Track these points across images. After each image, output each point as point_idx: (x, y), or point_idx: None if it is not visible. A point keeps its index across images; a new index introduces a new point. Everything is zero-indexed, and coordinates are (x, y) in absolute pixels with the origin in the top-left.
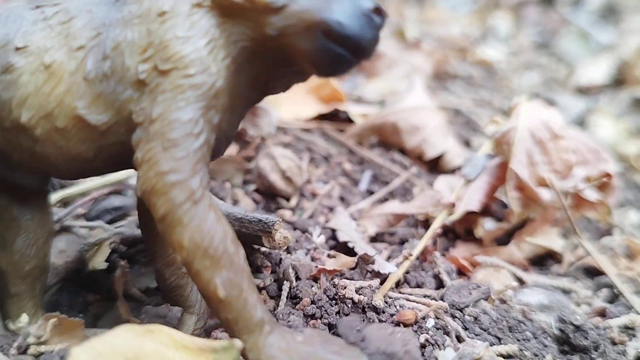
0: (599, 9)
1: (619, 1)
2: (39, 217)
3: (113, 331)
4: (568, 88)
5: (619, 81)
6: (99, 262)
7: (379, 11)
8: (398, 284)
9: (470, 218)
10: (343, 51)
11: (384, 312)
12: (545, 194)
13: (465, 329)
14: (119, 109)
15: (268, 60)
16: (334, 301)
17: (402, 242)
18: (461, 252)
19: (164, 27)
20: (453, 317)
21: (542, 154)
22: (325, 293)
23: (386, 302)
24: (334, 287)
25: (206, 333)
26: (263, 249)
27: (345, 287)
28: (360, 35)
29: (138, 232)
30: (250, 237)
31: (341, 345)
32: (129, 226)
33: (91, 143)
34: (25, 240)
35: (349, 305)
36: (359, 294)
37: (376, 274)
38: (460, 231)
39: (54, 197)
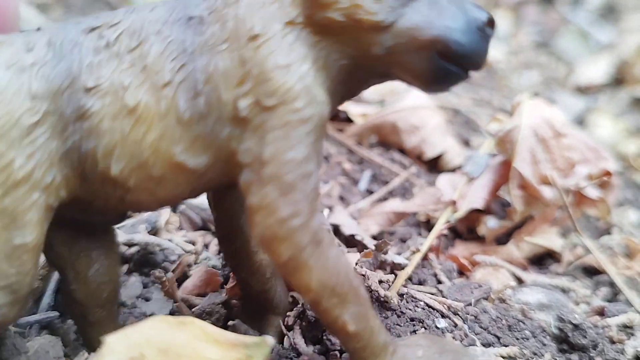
0: (598, 8)
1: (618, 0)
2: (107, 243)
3: (147, 321)
4: (567, 87)
5: (618, 80)
6: None
7: (492, 23)
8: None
9: (472, 216)
10: (458, 69)
11: (402, 313)
12: (547, 192)
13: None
14: (218, 148)
15: (365, 75)
16: None
17: (403, 240)
18: (460, 251)
19: (260, 54)
20: (454, 314)
21: (545, 152)
22: None
23: (400, 296)
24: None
25: None
26: None
27: (369, 278)
28: (477, 52)
29: (136, 234)
30: None
31: (455, 351)
32: (127, 228)
33: (187, 186)
34: (98, 269)
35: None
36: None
37: (390, 265)
38: (462, 229)
39: None
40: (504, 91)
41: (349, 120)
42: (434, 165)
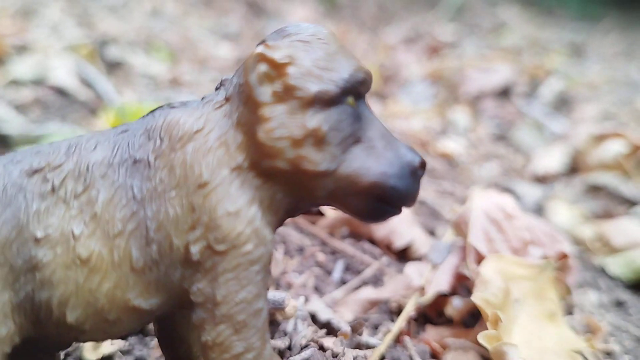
0: (552, 101)
1: (570, 92)
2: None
3: None
4: (526, 177)
5: (573, 169)
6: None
7: (424, 165)
8: None
9: (440, 301)
10: (392, 209)
11: None
12: None
13: None
14: (171, 289)
15: (307, 207)
16: None
17: (376, 327)
18: (432, 335)
19: (210, 202)
20: None
21: (498, 232)
22: None
23: None
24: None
25: None
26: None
27: (345, 354)
28: (410, 194)
29: None
30: None
31: None
32: None
33: (140, 322)
34: None
35: None
36: None
37: (364, 346)
38: (432, 314)
39: None
40: (465, 183)
41: (320, 214)
42: (403, 255)
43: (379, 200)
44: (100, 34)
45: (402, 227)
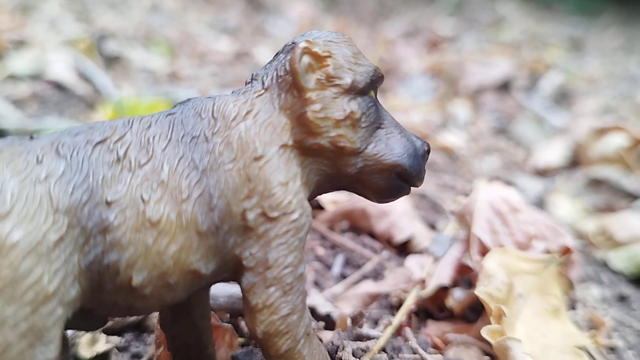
0: (552, 95)
1: (570, 86)
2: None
3: None
4: (527, 170)
5: (574, 162)
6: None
7: (429, 151)
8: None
9: (441, 295)
10: (406, 185)
11: None
12: None
13: None
14: (224, 255)
15: (328, 188)
16: None
17: (376, 321)
18: (433, 330)
19: (265, 173)
20: None
21: (503, 224)
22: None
23: None
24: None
25: None
26: None
27: (344, 347)
28: (422, 173)
29: None
30: None
31: None
32: None
33: (191, 289)
34: None
35: None
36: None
37: (365, 338)
38: (433, 309)
39: None
40: (466, 176)
41: (320, 207)
42: (403, 249)
43: (398, 177)
44: (98, 29)
45: (402, 220)
